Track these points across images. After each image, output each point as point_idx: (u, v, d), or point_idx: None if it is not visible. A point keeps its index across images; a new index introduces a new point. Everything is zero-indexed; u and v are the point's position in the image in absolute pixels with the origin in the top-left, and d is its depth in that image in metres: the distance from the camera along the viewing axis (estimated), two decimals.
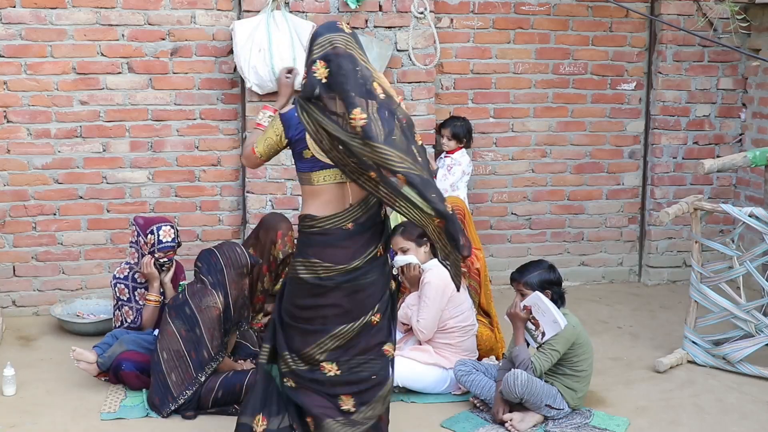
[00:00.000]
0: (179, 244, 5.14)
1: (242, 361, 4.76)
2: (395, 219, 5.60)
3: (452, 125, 6.04)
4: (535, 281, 4.43)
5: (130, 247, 5.20)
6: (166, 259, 5.06)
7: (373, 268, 3.69)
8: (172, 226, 5.09)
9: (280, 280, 5.40)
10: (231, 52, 5.80)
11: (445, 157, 6.08)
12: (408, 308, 4.81)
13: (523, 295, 4.42)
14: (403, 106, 3.56)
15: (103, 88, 5.79)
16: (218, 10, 5.85)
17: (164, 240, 5.02)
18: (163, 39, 5.81)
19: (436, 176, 5.94)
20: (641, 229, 6.80)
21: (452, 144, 6.02)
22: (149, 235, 5.01)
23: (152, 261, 5.02)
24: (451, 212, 3.38)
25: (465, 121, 6.12)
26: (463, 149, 6.09)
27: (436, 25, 5.98)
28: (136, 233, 5.12)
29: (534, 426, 4.34)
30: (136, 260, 5.15)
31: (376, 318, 3.71)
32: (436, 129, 6.16)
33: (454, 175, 5.99)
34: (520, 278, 4.47)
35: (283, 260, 5.30)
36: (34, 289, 5.90)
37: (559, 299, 4.45)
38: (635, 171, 6.71)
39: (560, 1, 6.37)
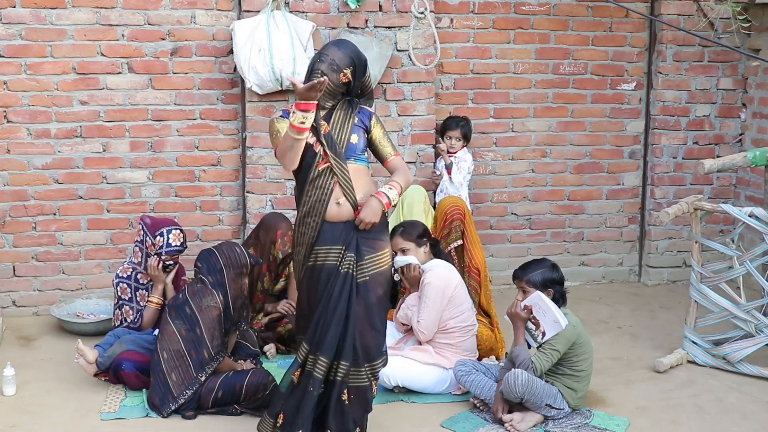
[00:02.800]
0: (186, 248, 5.14)
1: (242, 361, 4.76)
2: (395, 219, 5.60)
3: (460, 126, 6.03)
4: (538, 279, 4.43)
5: (135, 246, 5.20)
6: (171, 262, 5.07)
7: None
8: (181, 230, 5.11)
9: (280, 280, 5.41)
10: (231, 52, 5.80)
11: (449, 155, 6.09)
12: (408, 309, 4.81)
13: (526, 293, 4.42)
14: None
15: (103, 88, 5.79)
16: (218, 10, 5.85)
17: (173, 243, 5.04)
18: (163, 39, 5.81)
19: (450, 171, 5.96)
20: (641, 229, 6.80)
21: (459, 144, 6.02)
22: (158, 237, 5.02)
23: (159, 263, 5.01)
24: None
25: (467, 119, 6.13)
26: (465, 148, 6.10)
27: (436, 25, 5.98)
28: (142, 233, 5.12)
29: (534, 426, 4.34)
30: (140, 259, 5.15)
31: None
32: (439, 130, 6.15)
33: (462, 171, 6.01)
34: (523, 276, 4.47)
35: (283, 260, 5.30)
36: (34, 289, 5.90)
37: (561, 298, 4.45)
38: (635, 171, 6.71)
39: (560, 1, 6.37)
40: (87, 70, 5.75)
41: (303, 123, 3.70)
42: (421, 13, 5.76)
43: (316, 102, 3.70)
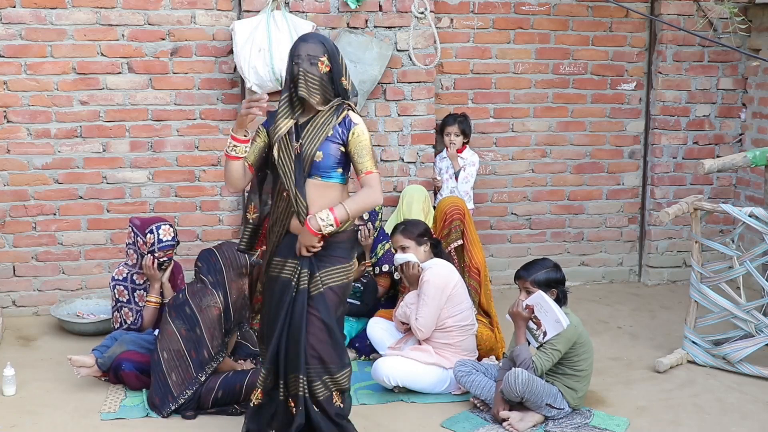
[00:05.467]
0: (178, 243, 5.13)
1: (242, 361, 4.76)
2: (395, 218, 5.61)
3: (458, 122, 6.05)
4: (542, 279, 4.43)
5: (128, 249, 5.17)
6: (165, 258, 5.04)
7: None
8: (171, 225, 5.08)
9: None
10: (231, 52, 5.80)
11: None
12: (407, 307, 4.81)
13: (529, 293, 4.42)
14: None
15: (103, 88, 5.79)
16: (218, 10, 5.85)
17: (164, 239, 5.00)
18: (163, 39, 5.81)
19: (457, 177, 5.97)
20: (641, 229, 6.80)
21: (459, 141, 6.03)
22: (148, 235, 5.00)
23: (153, 261, 5.00)
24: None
25: (465, 115, 6.14)
26: (468, 146, 6.10)
27: (436, 25, 5.98)
28: (133, 234, 5.09)
29: (534, 426, 4.34)
30: (134, 261, 5.13)
31: None
32: (438, 129, 6.15)
33: (473, 176, 6.01)
34: (527, 276, 4.47)
35: None
36: (34, 289, 5.90)
37: (563, 298, 4.46)
38: (635, 171, 6.71)
39: (560, 1, 6.37)
40: (87, 70, 5.75)
41: (232, 151, 3.84)
42: (421, 13, 5.76)
43: (247, 138, 3.83)
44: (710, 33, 6.34)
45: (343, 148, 3.81)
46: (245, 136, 3.84)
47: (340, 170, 3.83)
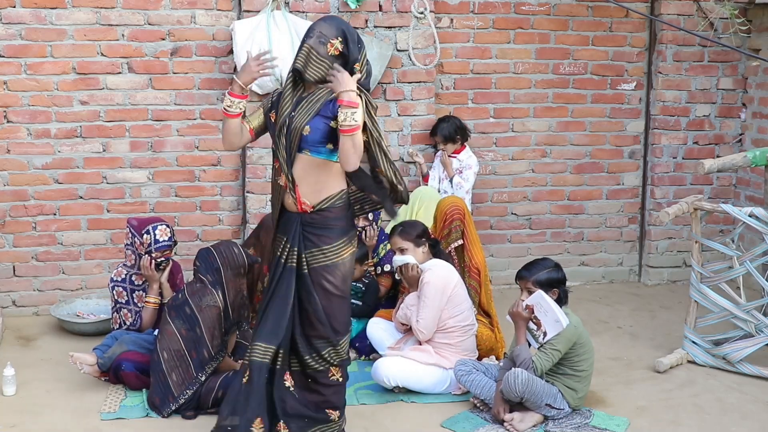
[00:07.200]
0: (175, 243, 5.13)
1: (242, 361, 4.75)
2: (407, 219, 5.58)
3: (439, 129, 5.97)
4: (544, 279, 4.43)
5: (126, 249, 5.17)
6: (163, 259, 5.04)
7: None
8: (168, 225, 5.07)
9: None
10: (231, 52, 5.81)
11: (449, 157, 6.03)
12: (407, 308, 4.81)
13: (531, 293, 4.42)
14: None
15: (103, 88, 5.79)
16: (218, 10, 5.86)
17: (161, 239, 5.00)
18: (163, 39, 5.82)
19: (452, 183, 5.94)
20: (641, 229, 6.80)
21: (450, 147, 5.98)
22: (145, 235, 4.99)
23: (151, 262, 5.00)
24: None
25: (450, 119, 6.03)
26: (467, 147, 6.06)
27: (436, 25, 5.98)
28: (130, 235, 5.08)
29: (534, 426, 4.34)
30: (132, 262, 5.12)
31: None
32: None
33: (468, 181, 5.96)
34: (529, 276, 4.46)
35: None
36: (34, 289, 5.90)
37: (564, 298, 4.46)
38: (635, 171, 6.71)
39: (560, 1, 6.38)
40: (87, 70, 5.75)
41: (229, 107, 3.89)
42: (421, 13, 5.76)
43: (245, 94, 3.90)
44: (710, 33, 6.34)
45: (333, 124, 3.81)
46: (242, 92, 3.91)
47: (330, 146, 3.85)
